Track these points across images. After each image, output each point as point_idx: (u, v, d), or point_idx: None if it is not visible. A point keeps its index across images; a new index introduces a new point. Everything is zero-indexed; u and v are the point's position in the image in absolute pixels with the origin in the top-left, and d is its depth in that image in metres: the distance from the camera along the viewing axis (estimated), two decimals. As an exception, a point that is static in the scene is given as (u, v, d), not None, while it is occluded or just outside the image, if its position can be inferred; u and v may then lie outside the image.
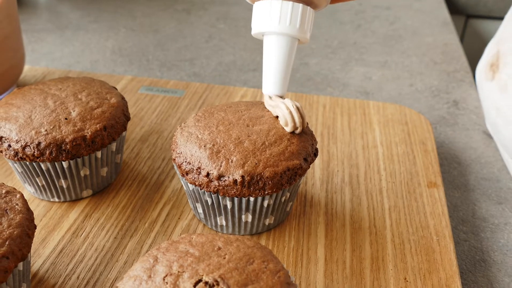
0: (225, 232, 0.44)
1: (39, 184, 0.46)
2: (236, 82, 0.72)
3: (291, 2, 0.40)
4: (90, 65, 0.76)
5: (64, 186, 0.46)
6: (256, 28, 0.41)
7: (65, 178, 0.45)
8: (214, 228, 0.44)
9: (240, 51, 0.81)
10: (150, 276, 0.32)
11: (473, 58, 0.98)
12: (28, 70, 0.69)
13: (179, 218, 0.46)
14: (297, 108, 0.42)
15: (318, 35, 0.87)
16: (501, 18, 1.06)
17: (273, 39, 0.41)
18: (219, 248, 0.33)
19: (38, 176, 0.45)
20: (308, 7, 0.41)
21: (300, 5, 0.40)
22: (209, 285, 0.30)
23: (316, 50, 0.82)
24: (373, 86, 0.72)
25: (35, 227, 0.37)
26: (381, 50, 0.82)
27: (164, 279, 0.31)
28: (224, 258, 0.32)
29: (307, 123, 0.44)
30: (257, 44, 0.83)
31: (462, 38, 1.10)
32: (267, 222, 0.44)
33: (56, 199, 0.47)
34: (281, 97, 0.43)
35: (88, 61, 0.77)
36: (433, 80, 0.74)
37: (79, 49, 0.81)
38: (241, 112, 0.44)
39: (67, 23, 0.90)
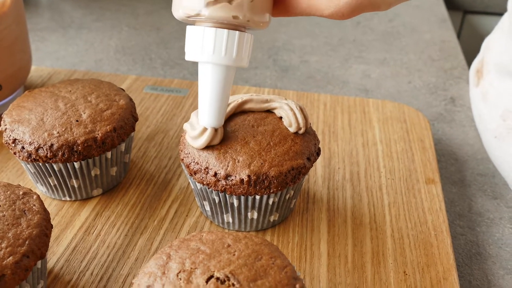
0: (231, 228, 0.46)
1: (51, 184, 0.48)
2: (238, 80, 0.74)
3: (226, 30, 0.37)
4: (95, 64, 0.78)
5: (76, 185, 0.48)
6: (190, 56, 0.38)
7: (76, 178, 0.47)
8: (221, 225, 0.46)
9: (241, 49, 0.83)
10: (164, 273, 0.33)
11: (470, 54, 1.00)
12: (34, 70, 0.70)
13: (187, 216, 0.48)
14: (301, 109, 0.44)
15: (318, 32, 0.88)
16: (497, 14, 1.07)
17: (208, 69, 0.38)
18: (229, 245, 0.35)
19: (50, 176, 0.47)
20: (246, 33, 0.38)
21: (237, 32, 0.37)
22: (221, 281, 0.32)
23: (316, 48, 0.83)
24: (372, 84, 0.73)
25: (52, 226, 0.39)
26: (380, 47, 0.84)
27: (177, 275, 0.33)
28: (234, 254, 0.34)
29: (310, 123, 0.46)
30: (257, 42, 0.85)
31: (459, 34, 1.12)
32: (272, 218, 0.45)
33: (68, 198, 0.49)
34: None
35: (92, 60, 0.79)
36: (431, 77, 0.75)
37: (83, 48, 0.83)
38: (246, 113, 0.46)
39: (70, 21, 0.91)
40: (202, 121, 0.41)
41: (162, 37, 0.86)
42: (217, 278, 0.32)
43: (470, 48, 1.07)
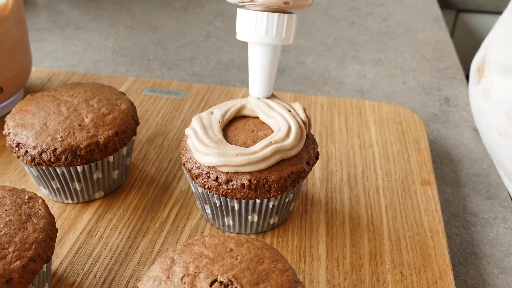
0: (232, 231, 0.47)
1: (54, 187, 0.48)
2: (235, 81, 0.75)
3: (276, 14, 0.41)
4: (93, 65, 0.78)
5: (78, 188, 0.48)
6: (243, 36, 0.43)
7: (79, 181, 0.48)
8: (221, 227, 0.47)
9: (238, 50, 0.83)
10: (168, 277, 0.34)
11: (464, 53, 1.01)
12: (34, 71, 0.71)
13: (187, 218, 0.49)
14: (302, 120, 0.45)
15: (313, 32, 0.89)
16: (491, 13, 1.09)
17: (258, 48, 0.44)
18: (231, 250, 0.36)
19: (53, 179, 0.48)
20: (293, 15, 0.42)
21: (286, 15, 0.42)
22: (224, 285, 0.33)
23: (312, 48, 0.84)
24: (368, 84, 0.74)
25: (57, 230, 0.39)
26: (375, 47, 0.85)
27: (182, 279, 0.34)
28: (236, 259, 0.35)
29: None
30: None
31: (452, 33, 1.13)
32: (271, 221, 0.46)
33: (70, 201, 0.50)
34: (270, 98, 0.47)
35: (90, 61, 0.79)
36: (425, 77, 0.76)
37: (80, 48, 0.83)
38: (246, 117, 0.47)
39: (67, 22, 0.92)
40: (253, 94, 0.46)
41: (159, 37, 0.87)
42: (221, 282, 0.33)
43: (463, 47, 1.08)
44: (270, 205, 0.44)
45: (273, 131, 0.45)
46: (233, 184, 0.42)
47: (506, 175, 0.58)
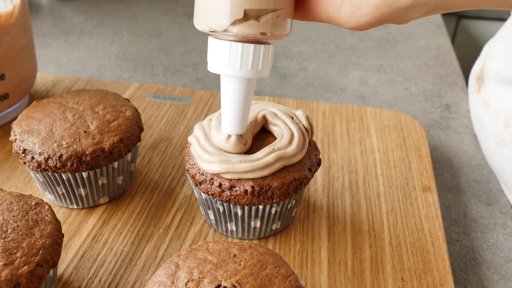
0: (235, 236, 0.48)
1: (59, 192, 0.49)
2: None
3: (252, 45, 0.37)
4: (97, 70, 0.79)
5: (83, 194, 0.49)
6: (215, 69, 0.39)
7: (84, 187, 0.48)
8: (224, 233, 0.48)
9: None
10: (173, 282, 0.35)
11: (465, 59, 1.02)
12: (39, 77, 0.72)
13: (191, 224, 0.49)
14: (304, 127, 0.45)
15: (315, 39, 0.90)
16: (492, 19, 1.09)
17: (232, 81, 0.39)
18: (235, 255, 0.36)
19: (58, 185, 0.48)
20: (269, 46, 0.38)
21: (262, 46, 0.37)
22: (228, 290, 0.34)
23: (314, 55, 0.85)
24: (370, 91, 0.75)
25: (63, 236, 0.40)
26: (376, 54, 0.85)
27: (186, 285, 0.34)
28: (240, 264, 0.36)
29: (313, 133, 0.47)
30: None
31: (453, 39, 1.13)
32: (274, 227, 0.47)
33: (75, 206, 0.51)
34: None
35: (94, 67, 0.80)
36: (427, 84, 0.77)
37: (84, 54, 0.84)
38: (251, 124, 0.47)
39: (71, 27, 0.93)
40: (225, 129, 0.42)
41: (163, 43, 0.88)
42: (225, 287, 0.34)
43: (465, 53, 1.08)
44: (273, 211, 0.44)
45: (275, 138, 0.45)
46: (236, 190, 0.42)
47: (503, 184, 0.58)
